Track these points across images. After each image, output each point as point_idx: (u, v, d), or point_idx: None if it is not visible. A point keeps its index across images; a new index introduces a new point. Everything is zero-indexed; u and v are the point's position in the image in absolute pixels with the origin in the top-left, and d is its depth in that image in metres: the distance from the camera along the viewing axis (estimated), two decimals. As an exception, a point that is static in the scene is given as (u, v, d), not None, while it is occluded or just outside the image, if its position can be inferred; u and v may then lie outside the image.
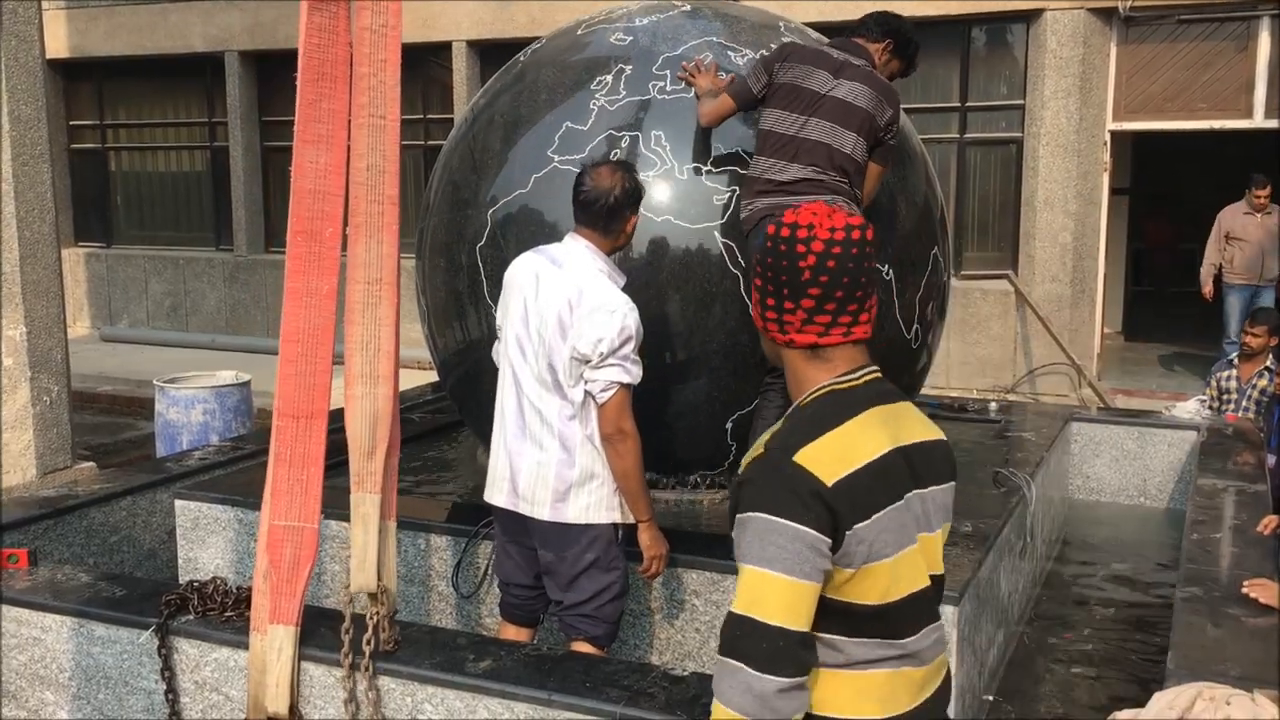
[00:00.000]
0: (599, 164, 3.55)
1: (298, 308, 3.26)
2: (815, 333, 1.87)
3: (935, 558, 1.93)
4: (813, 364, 1.90)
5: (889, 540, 1.80)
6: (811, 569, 1.73)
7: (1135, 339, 12.86)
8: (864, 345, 1.92)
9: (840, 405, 1.85)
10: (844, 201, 3.78)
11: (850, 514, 1.75)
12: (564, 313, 3.36)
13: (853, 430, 1.82)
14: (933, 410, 6.45)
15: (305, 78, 3.18)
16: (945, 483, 1.96)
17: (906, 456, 1.87)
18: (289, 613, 3.28)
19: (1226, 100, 9.92)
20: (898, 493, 1.83)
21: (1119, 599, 5.17)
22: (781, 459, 1.77)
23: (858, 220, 1.88)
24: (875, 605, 1.79)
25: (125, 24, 13.91)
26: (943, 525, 1.96)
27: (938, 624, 1.93)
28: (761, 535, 1.74)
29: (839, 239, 1.83)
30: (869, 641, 1.81)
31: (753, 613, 1.73)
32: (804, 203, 3.64)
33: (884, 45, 3.97)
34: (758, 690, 1.71)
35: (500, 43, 11.69)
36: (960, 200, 10.82)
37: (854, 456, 1.79)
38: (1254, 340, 6.75)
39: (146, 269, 14.42)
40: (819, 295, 1.84)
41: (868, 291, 1.87)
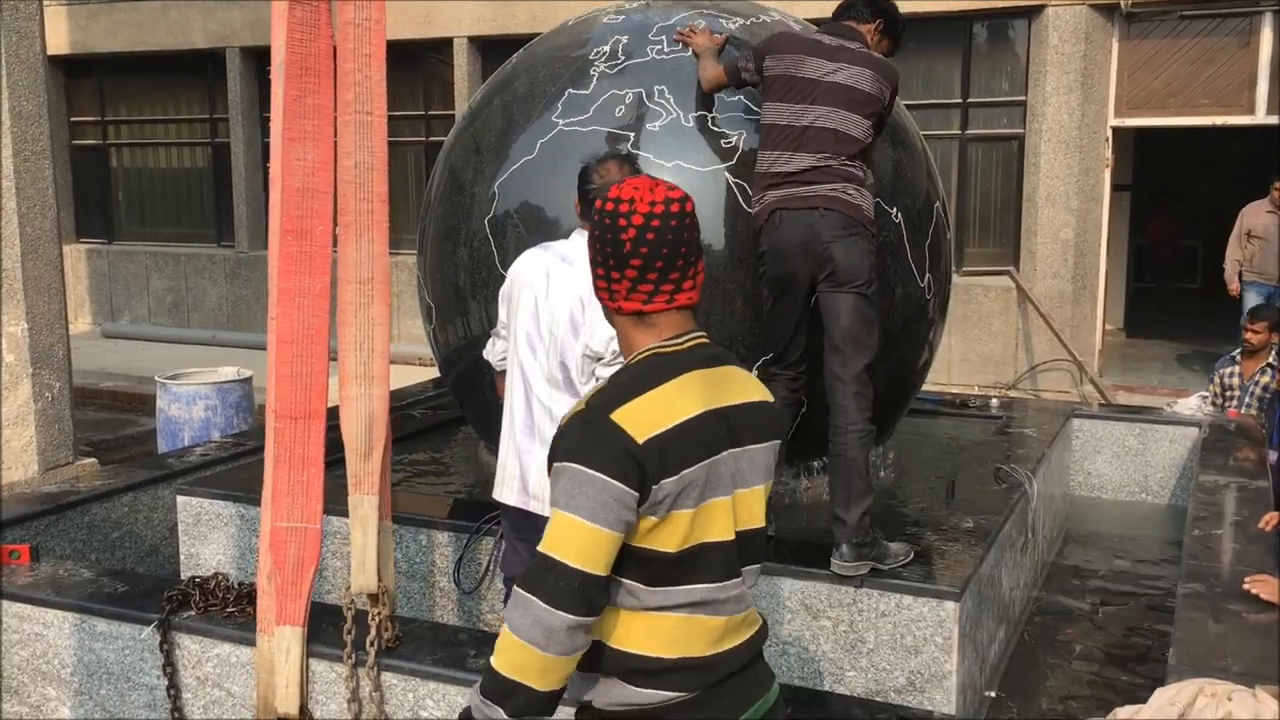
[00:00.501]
0: (605, 159, 3.55)
1: (290, 308, 3.22)
2: (640, 300, 1.98)
3: (751, 513, 2.03)
4: (639, 329, 2.01)
5: (693, 494, 1.91)
6: (614, 519, 1.85)
7: (1137, 335, 12.85)
8: (690, 311, 2.04)
9: (661, 368, 1.96)
10: (854, 188, 3.76)
11: (658, 470, 1.87)
12: (576, 310, 3.35)
13: (670, 391, 1.93)
14: (934, 406, 6.46)
15: (289, 73, 3.15)
16: (765, 442, 2.05)
17: (724, 417, 1.97)
18: (295, 614, 3.27)
19: (1228, 96, 9.90)
20: (710, 450, 1.94)
21: (1120, 595, 5.17)
22: (599, 416, 1.89)
23: (678, 194, 1.98)
24: (672, 553, 1.91)
25: (126, 20, 13.90)
26: (763, 483, 2.06)
27: (739, 580, 2.02)
28: (572, 484, 1.86)
29: (658, 212, 1.95)
30: (662, 589, 1.93)
31: (554, 553, 1.85)
32: (813, 191, 3.67)
33: (875, 25, 3.97)
34: (546, 623, 1.83)
35: (501, 39, 11.68)
36: (962, 196, 10.81)
37: (668, 416, 1.90)
38: (1254, 336, 6.74)
39: (148, 265, 14.42)
40: (641, 265, 1.95)
41: (690, 260, 1.98)
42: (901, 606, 3.62)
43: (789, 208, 3.75)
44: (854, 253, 3.73)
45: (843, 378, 3.71)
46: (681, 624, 1.95)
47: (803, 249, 3.72)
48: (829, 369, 3.76)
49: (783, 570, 3.78)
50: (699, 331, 2.04)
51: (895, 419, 5.03)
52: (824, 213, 3.71)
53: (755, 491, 2.04)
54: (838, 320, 3.72)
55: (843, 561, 3.65)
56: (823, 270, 3.72)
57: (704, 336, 2.04)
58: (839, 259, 3.70)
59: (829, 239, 3.70)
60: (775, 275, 3.83)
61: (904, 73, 4.12)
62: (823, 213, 3.71)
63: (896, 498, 4.81)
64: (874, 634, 3.67)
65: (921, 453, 5.61)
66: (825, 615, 3.73)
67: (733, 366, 2.06)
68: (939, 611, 3.57)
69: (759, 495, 2.05)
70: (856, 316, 3.72)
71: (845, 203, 3.74)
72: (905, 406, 5.08)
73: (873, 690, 3.68)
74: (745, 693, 2.03)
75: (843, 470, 3.71)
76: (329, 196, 3.24)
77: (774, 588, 3.79)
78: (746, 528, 2.02)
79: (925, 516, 4.36)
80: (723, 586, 1.98)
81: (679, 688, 1.94)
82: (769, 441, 2.07)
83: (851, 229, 3.74)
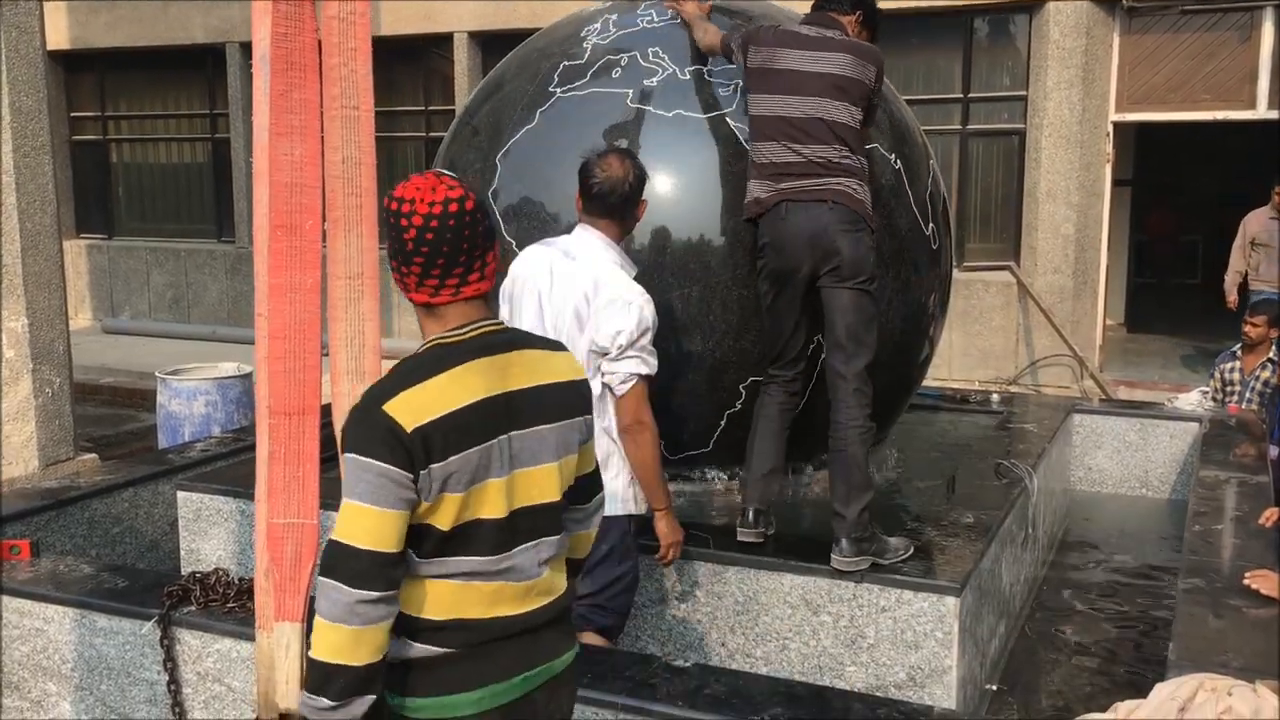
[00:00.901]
0: (605, 154, 3.54)
1: (282, 304, 3.22)
2: (427, 293, 2.11)
3: (540, 490, 2.16)
4: (429, 319, 2.15)
5: (463, 478, 2.04)
6: (395, 500, 1.99)
7: (1137, 330, 12.85)
8: (479, 301, 2.15)
9: (440, 358, 2.08)
10: (857, 183, 3.75)
11: (424, 457, 2.00)
12: (581, 306, 3.35)
13: (444, 381, 2.05)
14: (934, 401, 6.46)
15: (274, 68, 3.14)
16: (556, 422, 2.18)
17: (505, 401, 2.10)
18: (294, 609, 3.27)
19: (1229, 91, 9.89)
20: (484, 437, 2.06)
21: (1120, 590, 5.18)
22: (373, 407, 2.03)
23: (458, 193, 2.08)
24: (445, 529, 2.05)
25: (126, 15, 13.89)
26: (556, 460, 2.18)
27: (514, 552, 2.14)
28: (354, 472, 2.01)
29: (436, 213, 2.05)
30: (436, 560, 2.09)
31: (345, 539, 2.00)
32: (822, 184, 3.67)
33: (855, 17, 3.96)
34: (347, 602, 1.98)
35: (501, 34, 11.67)
36: (962, 192, 10.81)
37: (438, 405, 2.02)
38: (1253, 330, 6.73)
39: (148, 261, 14.42)
40: (424, 262, 2.07)
41: (474, 255, 2.10)
42: (902, 602, 3.63)
43: (795, 199, 3.73)
44: (860, 248, 3.72)
45: (844, 374, 3.71)
46: (456, 590, 2.10)
47: (810, 242, 3.70)
48: (830, 365, 3.76)
49: (783, 565, 3.78)
50: (488, 320, 2.16)
51: (896, 415, 5.02)
52: (833, 206, 3.70)
53: (544, 469, 2.16)
54: (841, 316, 3.71)
55: (843, 557, 3.65)
56: (827, 264, 3.70)
57: (491, 325, 2.16)
58: (845, 253, 3.69)
59: (837, 232, 3.69)
60: (777, 268, 3.81)
61: (905, 68, 4.13)
62: (832, 205, 3.70)
63: (897, 493, 4.81)
64: (874, 629, 3.67)
65: (922, 448, 5.60)
66: (825, 610, 3.73)
67: (527, 350, 2.18)
68: (939, 607, 3.57)
69: (549, 472, 2.17)
70: (859, 313, 3.71)
71: (852, 198, 3.73)
72: (906, 402, 5.08)
73: (873, 685, 3.68)
74: (526, 655, 2.18)
75: (842, 466, 3.71)
76: (317, 191, 3.24)
77: (775, 583, 3.79)
78: (529, 504, 2.15)
79: (925, 511, 4.36)
80: (494, 560, 2.12)
81: (447, 645, 2.11)
82: (562, 421, 2.19)
83: (857, 225, 3.73)
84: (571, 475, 2.26)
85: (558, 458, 2.19)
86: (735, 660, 3.88)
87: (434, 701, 2.11)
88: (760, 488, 3.92)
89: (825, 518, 3.81)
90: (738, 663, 3.86)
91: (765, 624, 3.83)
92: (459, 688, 2.11)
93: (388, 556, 2.00)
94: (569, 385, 2.23)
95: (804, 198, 3.71)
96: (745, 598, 3.85)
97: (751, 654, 3.86)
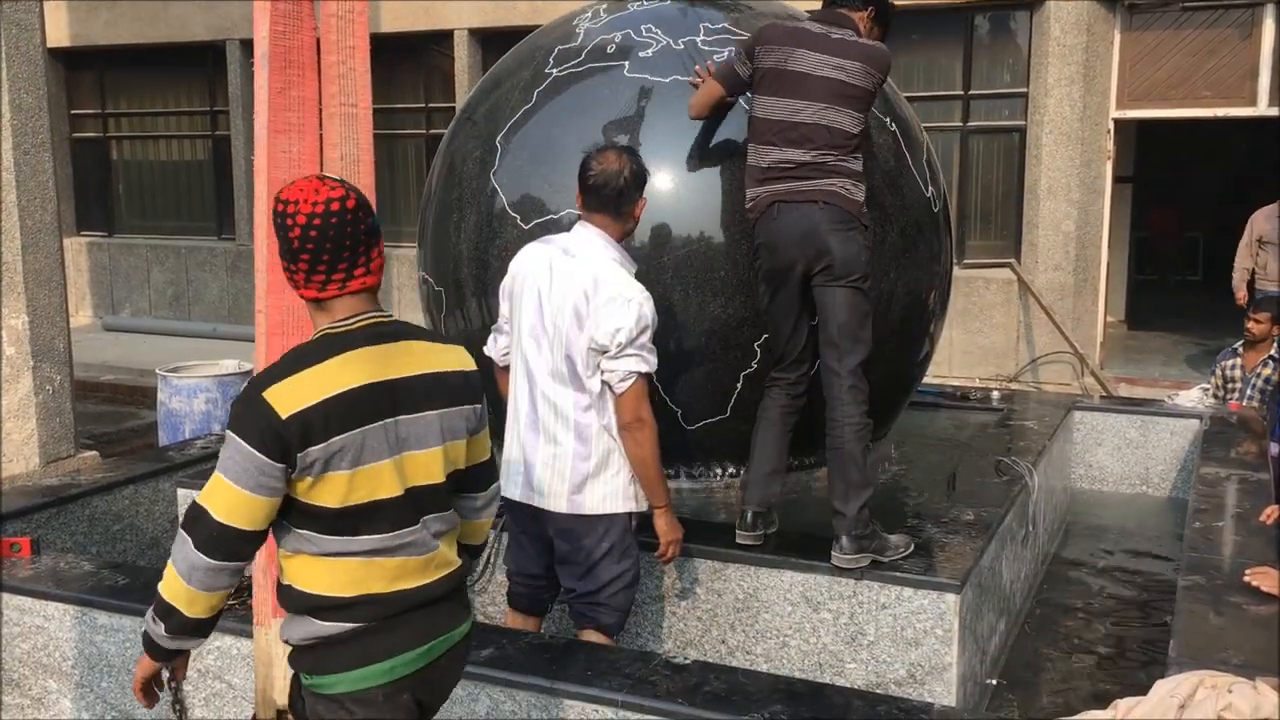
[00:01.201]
0: (604, 149, 3.55)
1: (280, 300, 3.24)
2: (314, 288, 2.24)
3: (427, 471, 2.29)
4: (318, 313, 2.28)
5: (347, 458, 2.15)
6: (256, 485, 2.12)
7: (1138, 327, 12.84)
8: (366, 294, 2.27)
9: (328, 346, 2.21)
10: (851, 183, 3.75)
11: (303, 439, 2.11)
12: (580, 303, 3.35)
13: (329, 368, 2.17)
14: (934, 399, 6.46)
15: (273, 66, 3.15)
16: (441, 409, 2.30)
17: (390, 388, 2.21)
18: (291, 604, 3.28)
19: (1230, 88, 9.88)
20: (366, 420, 2.18)
21: (1121, 587, 5.18)
22: (254, 393, 2.14)
23: (339, 193, 2.20)
24: (335, 508, 2.18)
25: (127, 13, 13.88)
26: (441, 444, 2.30)
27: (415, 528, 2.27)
28: (228, 450, 2.15)
29: (319, 212, 2.18)
30: (340, 538, 2.21)
31: (206, 505, 2.15)
32: (812, 186, 3.66)
33: (867, 14, 3.93)
34: (191, 562, 2.15)
35: (502, 31, 11.66)
36: (963, 188, 10.80)
37: (321, 389, 2.14)
38: (1256, 327, 6.72)
39: (148, 258, 14.42)
40: (309, 259, 2.20)
41: (358, 251, 2.22)
42: (902, 599, 3.63)
43: (786, 200, 3.73)
44: (851, 246, 3.72)
45: (839, 372, 3.71)
46: (361, 567, 2.23)
47: (801, 240, 3.71)
48: (825, 363, 3.76)
49: (783, 563, 3.78)
50: (376, 312, 2.29)
51: (896, 412, 5.03)
52: (824, 206, 3.70)
53: (430, 452, 2.28)
54: (834, 314, 3.71)
55: (842, 554, 3.66)
56: (820, 262, 3.70)
57: (379, 316, 2.28)
58: (837, 252, 3.69)
59: (827, 231, 3.69)
60: (772, 268, 3.81)
61: (905, 65, 4.13)
62: (822, 206, 3.70)
63: (897, 490, 4.81)
64: (874, 626, 3.67)
65: (922, 445, 5.60)
66: (825, 608, 3.73)
67: (414, 341, 2.30)
68: (939, 604, 3.57)
69: (435, 455, 2.29)
70: (853, 311, 3.71)
71: (843, 198, 3.73)
72: (906, 400, 5.08)
73: (873, 682, 3.68)
74: (429, 625, 2.31)
75: (840, 464, 3.71)
76: None
77: (775, 580, 3.79)
78: (421, 484, 2.27)
79: (926, 509, 4.36)
80: (395, 535, 2.24)
81: (357, 619, 2.23)
82: (448, 408, 2.31)
83: (849, 223, 3.73)
84: (458, 461, 2.37)
85: (443, 442, 2.31)
86: (735, 657, 3.88)
87: (347, 676, 2.23)
88: (760, 489, 3.92)
89: (826, 515, 3.82)
90: (738, 660, 3.86)
91: (765, 621, 3.83)
92: (370, 660, 2.23)
93: (240, 532, 2.14)
94: (456, 375, 2.35)
95: (795, 198, 3.72)
96: (745, 595, 3.85)
97: (752, 651, 3.86)
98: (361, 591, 2.23)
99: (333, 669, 2.24)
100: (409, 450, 2.25)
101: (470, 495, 2.48)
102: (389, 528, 2.23)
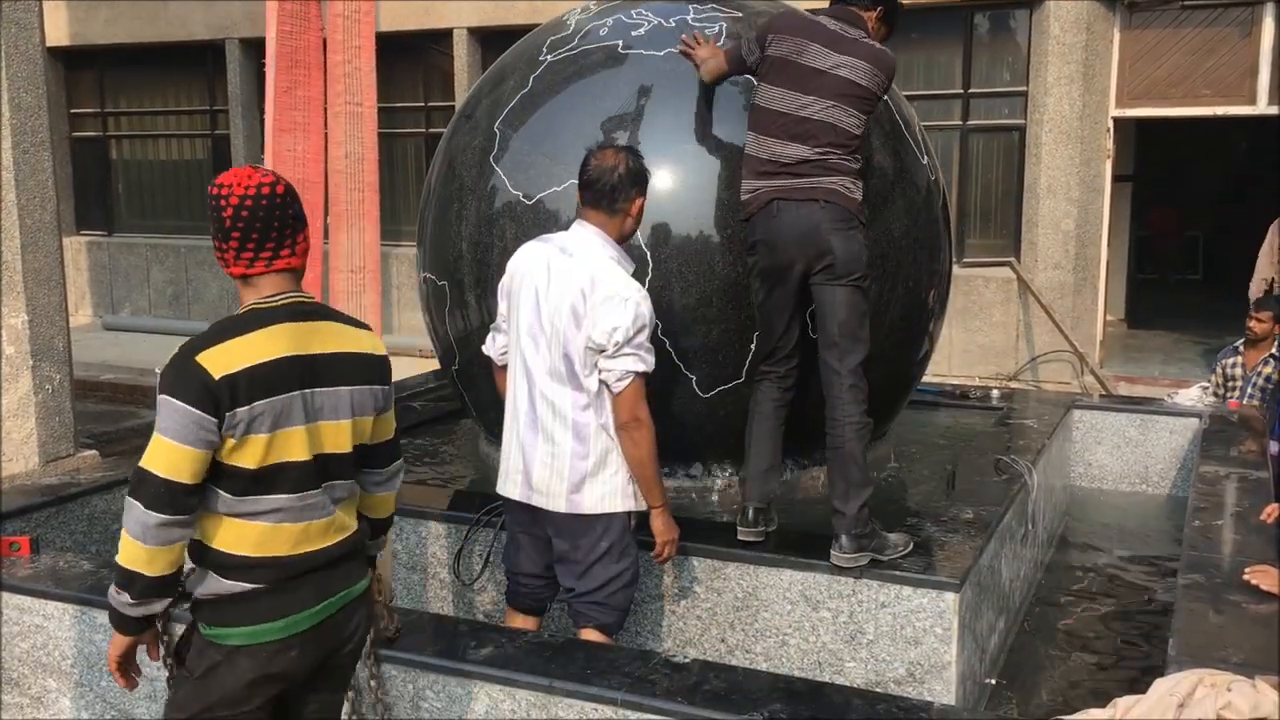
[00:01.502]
0: (604, 146, 3.54)
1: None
2: (243, 265, 2.45)
3: (335, 441, 2.51)
4: (246, 289, 2.49)
5: (266, 422, 2.36)
6: (195, 439, 2.31)
7: (1138, 326, 12.83)
8: (290, 274, 2.50)
9: (253, 320, 2.42)
10: (851, 182, 3.74)
11: (231, 400, 2.32)
12: (577, 302, 3.33)
13: (255, 339, 2.39)
14: (934, 398, 6.46)
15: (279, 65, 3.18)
16: (352, 385, 2.52)
17: (307, 362, 2.44)
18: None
19: (1230, 87, 9.88)
20: (284, 388, 2.39)
21: (1120, 586, 5.18)
22: (187, 357, 2.35)
23: (270, 179, 2.44)
24: (252, 469, 2.38)
25: (126, 12, 13.87)
26: (350, 419, 2.53)
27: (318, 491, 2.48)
28: (163, 412, 2.33)
29: (250, 194, 2.41)
30: (249, 499, 2.41)
31: (149, 467, 2.32)
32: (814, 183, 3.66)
33: (876, 13, 3.93)
34: (144, 522, 2.31)
35: (501, 30, 11.66)
36: (963, 187, 10.79)
37: (246, 357, 2.35)
38: (1258, 326, 6.72)
39: (148, 257, 14.42)
40: (240, 237, 2.42)
41: (284, 233, 2.45)
42: (901, 597, 3.62)
43: (787, 198, 3.72)
44: (853, 245, 3.71)
45: (839, 371, 3.70)
46: (266, 530, 2.43)
47: (801, 240, 3.69)
48: (824, 363, 3.74)
49: (783, 561, 3.78)
50: (299, 292, 2.51)
51: (895, 411, 5.02)
52: (825, 205, 3.69)
53: (340, 424, 2.51)
54: (834, 314, 3.70)
55: (842, 553, 3.65)
56: (820, 261, 3.69)
57: (301, 296, 2.51)
58: (839, 251, 3.67)
59: (829, 230, 3.68)
60: (769, 266, 3.80)
61: (905, 63, 4.12)
62: (824, 205, 3.69)
63: (896, 489, 4.81)
64: (873, 625, 3.67)
65: (922, 444, 5.60)
66: (825, 606, 3.73)
67: (332, 322, 2.53)
68: (939, 602, 3.57)
69: (344, 427, 2.52)
70: (853, 310, 3.71)
71: (844, 197, 3.72)
72: (905, 399, 5.08)
73: (872, 681, 3.68)
74: (327, 585, 2.52)
75: (840, 463, 3.71)
76: (320, 187, 3.26)
77: (774, 579, 3.79)
78: (330, 451, 2.50)
79: (925, 507, 4.36)
80: (301, 497, 2.45)
81: (257, 581, 2.43)
82: (359, 385, 2.54)
83: (849, 223, 3.72)
84: (365, 435, 2.60)
85: (352, 416, 2.54)
86: (735, 656, 3.88)
87: (243, 630, 2.44)
88: (759, 485, 3.91)
89: (825, 514, 3.81)
90: (737, 658, 3.86)
91: (765, 620, 3.83)
92: (266, 618, 2.44)
93: (184, 486, 2.31)
94: (368, 357, 2.58)
95: (796, 196, 3.70)
96: (745, 593, 3.85)
97: (751, 650, 3.86)
98: (265, 553, 2.43)
99: (231, 623, 2.44)
100: (323, 420, 2.48)
101: (374, 470, 2.70)
102: (293, 489, 2.44)
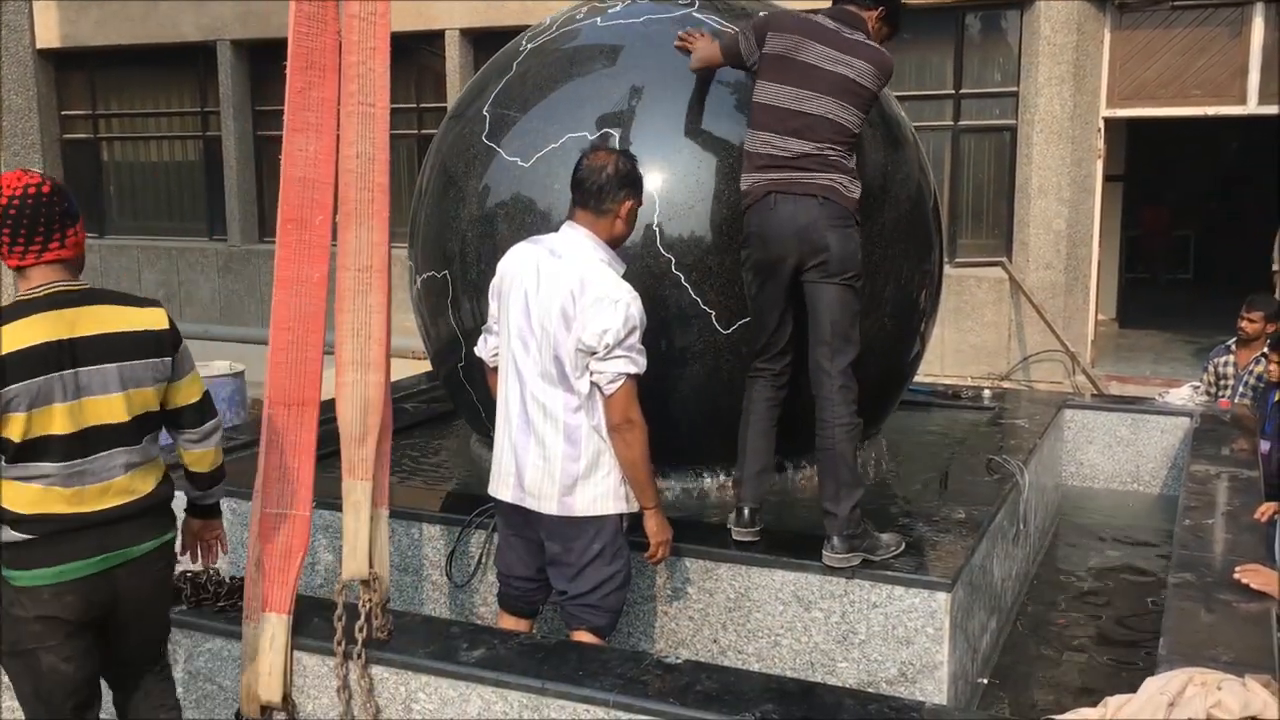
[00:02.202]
0: (598, 148, 3.54)
1: (288, 296, 3.26)
2: (15, 258, 2.81)
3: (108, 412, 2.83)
4: (19, 279, 2.85)
5: (24, 402, 2.71)
6: None
7: (1129, 326, 12.86)
8: (60, 265, 2.85)
9: (16, 311, 2.76)
10: (849, 180, 3.74)
11: None
12: (567, 304, 3.32)
13: (16, 328, 2.72)
14: (926, 398, 6.46)
15: (294, 66, 3.18)
16: (119, 362, 2.84)
17: (68, 346, 2.77)
18: (281, 601, 3.28)
19: (1220, 86, 9.91)
20: (46, 370, 2.73)
21: (1112, 585, 5.19)
22: None
23: (36, 179, 2.80)
24: (17, 441, 2.73)
25: (117, 13, 13.85)
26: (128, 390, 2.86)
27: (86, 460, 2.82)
28: None
29: (18, 193, 2.77)
30: (20, 465, 2.77)
31: None
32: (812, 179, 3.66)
33: (877, 13, 3.92)
34: None
35: (493, 31, 11.65)
36: (954, 187, 10.81)
37: (6, 345, 2.69)
38: (1250, 325, 6.73)
39: (140, 259, 14.39)
40: (10, 232, 2.77)
41: (52, 229, 2.82)
42: (893, 598, 3.63)
43: (785, 191, 3.70)
44: (849, 244, 3.71)
45: (829, 371, 3.69)
46: (40, 492, 2.79)
47: (798, 234, 3.68)
48: (815, 362, 3.74)
49: (775, 562, 3.78)
50: (66, 282, 2.85)
51: (887, 411, 5.03)
52: (823, 201, 3.68)
53: (111, 398, 2.83)
54: (827, 312, 3.69)
55: (834, 553, 3.65)
56: (815, 258, 3.68)
57: (66, 285, 2.84)
58: (835, 248, 3.66)
59: (826, 227, 3.67)
60: (762, 259, 3.79)
61: (896, 63, 4.09)
62: (822, 201, 3.68)
63: (888, 489, 4.81)
64: (865, 625, 3.68)
65: (913, 444, 5.61)
66: (817, 607, 3.74)
67: (101, 306, 2.86)
68: (930, 602, 3.58)
69: (116, 400, 2.84)
70: (844, 309, 3.70)
71: (841, 194, 3.71)
72: (897, 399, 5.09)
73: (864, 681, 3.68)
74: (102, 541, 2.86)
75: (830, 463, 3.71)
76: (330, 188, 3.26)
77: (766, 579, 3.79)
78: (100, 423, 2.83)
79: (917, 507, 4.37)
80: (67, 465, 2.80)
81: (33, 532, 2.79)
82: (131, 360, 2.85)
83: (846, 221, 3.72)
84: (150, 404, 2.93)
85: (124, 389, 2.86)
86: (727, 657, 3.88)
87: (22, 574, 2.80)
88: (754, 485, 3.92)
89: (817, 514, 3.82)
90: (729, 659, 3.87)
91: (757, 620, 3.83)
92: (40, 564, 2.80)
93: None
94: (144, 333, 2.89)
95: (794, 190, 3.69)
96: (737, 594, 3.85)
97: (743, 650, 3.87)
98: (39, 511, 2.78)
99: (13, 566, 2.80)
100: (89, 395, 2.80)
101: (185, 430, 3.07)
102: (59, 458, 2.78)
